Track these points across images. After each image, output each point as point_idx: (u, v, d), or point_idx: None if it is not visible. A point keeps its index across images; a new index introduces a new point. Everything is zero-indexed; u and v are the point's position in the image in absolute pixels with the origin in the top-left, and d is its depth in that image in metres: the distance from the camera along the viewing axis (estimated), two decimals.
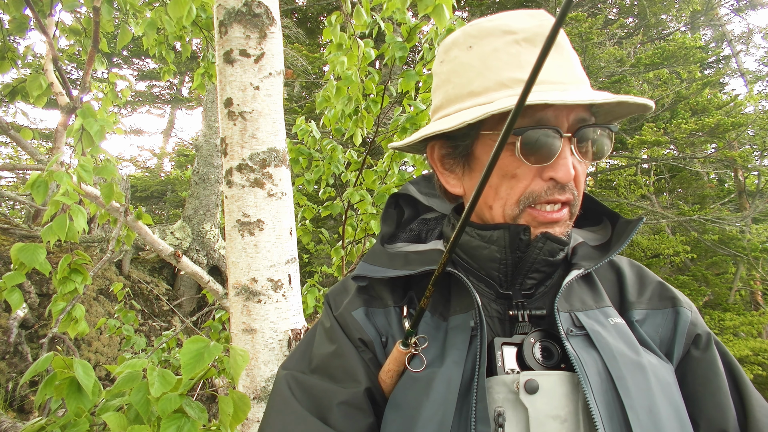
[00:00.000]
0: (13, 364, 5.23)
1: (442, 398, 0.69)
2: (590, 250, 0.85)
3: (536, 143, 0.74)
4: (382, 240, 0.93)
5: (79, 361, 1.21)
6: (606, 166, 13.01)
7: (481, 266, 0.82)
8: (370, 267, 0.85)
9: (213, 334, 3.35)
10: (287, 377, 0.80)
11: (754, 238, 8.44)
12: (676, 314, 0.83)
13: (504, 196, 0.78)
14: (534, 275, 0.81)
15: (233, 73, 1.45)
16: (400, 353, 0.75)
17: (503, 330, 0.79)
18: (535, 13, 0.80)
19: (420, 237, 0.95)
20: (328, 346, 0.82)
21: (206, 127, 8.77)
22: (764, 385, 7.10)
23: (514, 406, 0.69)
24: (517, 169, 0.76)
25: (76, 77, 11.25)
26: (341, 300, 0.87)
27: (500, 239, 0.78)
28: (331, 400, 0.74)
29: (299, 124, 3.20)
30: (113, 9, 2.39)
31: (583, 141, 0.76)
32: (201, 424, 1.10)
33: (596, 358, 0.71)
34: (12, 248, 1.64)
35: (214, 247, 8.15)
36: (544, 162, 0.74)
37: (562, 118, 0.75)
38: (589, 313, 0.78)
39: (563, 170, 0.74)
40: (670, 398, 0.71)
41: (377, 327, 0.83)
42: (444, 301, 0.83)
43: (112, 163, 1.93)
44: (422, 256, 0.85)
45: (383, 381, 0.77)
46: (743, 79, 12.53)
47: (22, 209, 10.44)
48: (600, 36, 8.52)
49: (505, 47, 0.76)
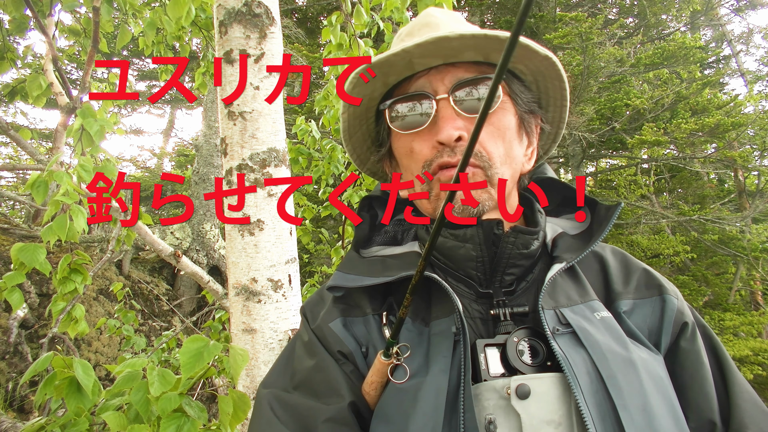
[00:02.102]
0: (13, 364, 5.23)
1: (430, 409, 0.67)
2: (571, 240, 0.84)
3: (401, 112, 0.78)
4: (356, 245, 0.90)
5: (79, 360, 1.21)
6: (606, 166, 13.02)
7: (458, 266, 0.80)
8: (345, 276, 0.82)
9: (213, 334, 3.35)
10: (269, 397, 0.77)
11: (754, 238, 8.44)
12: (662, 302, 0.81)
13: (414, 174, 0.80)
14: (512, 270, 0.79)
15: (233, 73, 1.45)
16: (382, 364, 0.73)
17: (486, 331, 0.77)
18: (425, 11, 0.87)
19: (396, 239, 0.92)
20: (308, 361, 0.79)
21: (206, 127, 8.78)
22: (764, 385, 7.10)
23: (505, 413, 0.66)
24: (412, 143, 0.79)
25: (76, 77, 11.25)
26: (318, 311, 0.84)
27: (474, 236, 0.77)
28: (316, 419, 0.72)
29: (299, 124, 3.20)
30: (113, 9, 2.39)
31: (462, 98, 0.76)
32: (201, 424, 1.10)
33: (585, 357, 0.69)
34: (12, 248, 1.64)
35: (214, 247, 8.15)
36: (417, 127, 0.77)
37: (437, 83, 0.77)
38: (575, 308, 0.76)
39: (442, 131, 0.74)
40: (664, 393, 0.69)
41: (356, 337, 0.80)
42: (425, 305, 0.80)
43: (112, 163, 1.93)
44: (400, 260, 0.83)
45: (367, 393, 0.74)
46: (743, 79, 12.53)
47: (22, 209, 10.44)
48: (600, 36, 8.51)
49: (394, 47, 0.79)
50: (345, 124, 0.86)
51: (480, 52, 0.76)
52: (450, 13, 0.87)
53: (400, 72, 0.79)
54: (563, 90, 0.84)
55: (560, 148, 10.28)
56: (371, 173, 0.98)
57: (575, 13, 8.45)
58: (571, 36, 8.04)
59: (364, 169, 0.97)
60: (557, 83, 0.83)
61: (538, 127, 0.88)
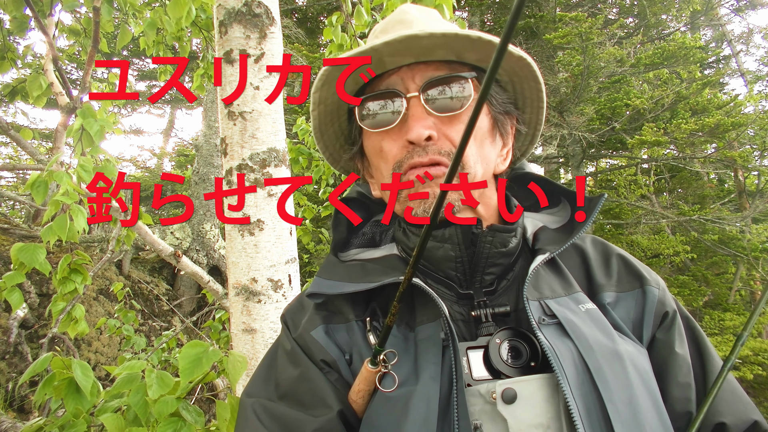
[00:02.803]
0: (13, 364, 5.23)
1: (421, 418, 0.65)
2: (552, 233, 0.83)
3: (372, 110, 0.76)
4: (335, 249, 0.87)
5: (78, 361, 1.21)
6: (606, 166, 13.01)
7: (438, 267, 0.78)
8: (325, 282, 0.80)
9: (213, 334, 3.35)
10: (254, 406, 0.75)
11: (754, 238, 8.44)
12: (643, 295, 0.80)
13: (384, 175, 0.78)
14: (492, 270, 0.78)
15: (233, 73, 1.44)
16: (369, 372, 0.70)
17: (469, 332, 0.75)
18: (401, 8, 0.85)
19: (374, 240, 0.91)
20: (292, 371, 0.77)
21: (206, 127, 8.78)
22: (764, 385, 7.10)
23: (491, 419, 0.65)
24: (381, 142, 0.78)
25: (76, 77, 11.25)
26: (299, 319, 0.82)
27: (453, 236, 0.75)
28: (304, 430, 0.70)
29: (299, 124, 3.20)
30: (113, 9, 2.38)
31: (433, 97, 0.74)
32: (197, 428, 1.10)
33: (571, 348, 0.68)
34: (12, 248, 1.64)
35: (214, 247, 8.15)
36: (387, 125, 0.75)
37: (408, 81, 0.76)
38: (559, 300, 0.75)
39: (412, 130, 0.73)
40: (649, 387, 0.68)
41: (339, 345, 0.78)
42: (409, 310, 0.78)
43: (112, 163, 1.92)
44: (381, 265, 0.81)
45: (354, 401, 0.72)
46: (743, 79, 12.53)
47: (22, 209, 10.44)
48: (600, 36, 8.51)
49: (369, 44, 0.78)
50: (315, 121, 0.86)
51: (452, 50, 0.75)
52: (427, 10, 0.86)
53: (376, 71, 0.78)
54: (539, 91, 0.83)
55: (560, 148, 10.28)
56: (345, 172, 0.97)
57: (575, 13, 8.44)
58: (571, 36, 8.04)
59: (338, 167, 0.96)
60: (533, 84, 0.82)
61: (514, 128, 0.87)
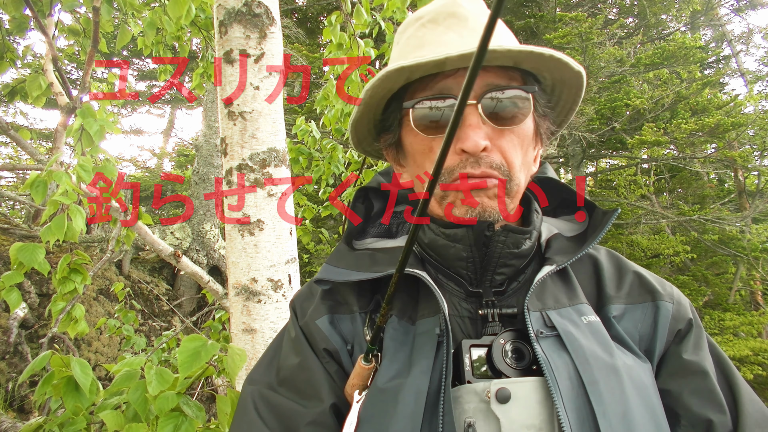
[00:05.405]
0: (13, 364, 5.23)
1: (410, 411, 0.66)
2: (565, 242, 0.82)
3: (427, 115, 0.74)
4: (348, 237, 0.88)
5: (77, 359, 1.21)
6: (606, 166, 13.02)
7: (449, 264, 0.79)
8: (333, 269, 0.81)
9: (213, 334, 3.35)
10: (254, 395, 0.77)
11: (754, 238, 8.44)
12: (655, 309, 0.79)
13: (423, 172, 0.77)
14: (503, 270, 0.78)
15: (233, 73, 1.45)
16: (362, 368, 0.72)
17: (475, 330, 0.76)
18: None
19: (390, 231, 0.91)
20: (293, 358, 0.79)
21: (206, 127, 8.78)
22: (764, 385, 7.10)
23: (485, 417, 0.65)
24: (432, 143, 0.76)
25: (76, 77, 11.25)
26: (307, 307, 0.84)
27: (465, 237, 0.76)
28: (299, 422, 0.72)
29: (299, 124, 3.20)
30: (113, 9, 2.38)
31: (491, 107, 0.72)
32: (199, 424, 1.10)
33: (567, 361, 0.67)
34: (11, 248, 1.64)
35: (214, 247, 8.15)
36: (440, 131, 0.74)
37: None
38: (562, 311, 0.74)
39: (468, 139, 0.71)
40: (646, 401, 0.68)
41: (343, 334, 0.79)
42: (413, 303, 0.79)
43: (111, 163, 1.92)
44: (389, 255, 0.81)
45: (349, 394, 0.74)
46: (743, 79, 12.53)
47: (22, 209, 10.45)
48: (600, 36, 8.51)
49: (415, 33, 0.78)
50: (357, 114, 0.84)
51: (511, 58, 0.74)
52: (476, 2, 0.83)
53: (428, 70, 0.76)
54: (577, 97, 0.83)
55: (560, 148, 10.28)
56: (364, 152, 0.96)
57: (575, 13, 8.45)
58: (571, 36, 8.05)
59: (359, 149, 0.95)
60: (574, 91, 0.82)
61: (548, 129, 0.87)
